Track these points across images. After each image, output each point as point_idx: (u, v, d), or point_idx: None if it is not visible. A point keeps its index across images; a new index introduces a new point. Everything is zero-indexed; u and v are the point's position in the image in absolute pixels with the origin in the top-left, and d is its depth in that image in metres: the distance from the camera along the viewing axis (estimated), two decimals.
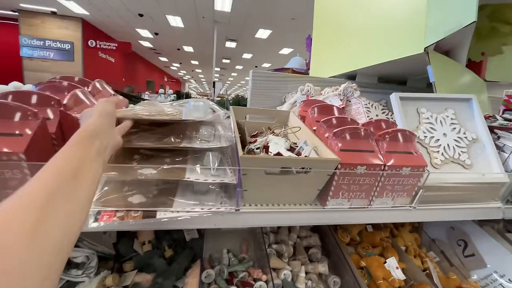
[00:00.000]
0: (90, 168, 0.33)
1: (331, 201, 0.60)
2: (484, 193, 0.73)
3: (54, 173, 0.29)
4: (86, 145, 0.35)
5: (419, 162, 0.61)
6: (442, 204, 0.69)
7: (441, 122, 0.77)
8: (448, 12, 0.77)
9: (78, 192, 0.30)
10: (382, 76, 1.21)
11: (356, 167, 0.57)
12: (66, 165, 0.30)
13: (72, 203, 0.28)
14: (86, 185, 0.31)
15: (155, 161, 0.57)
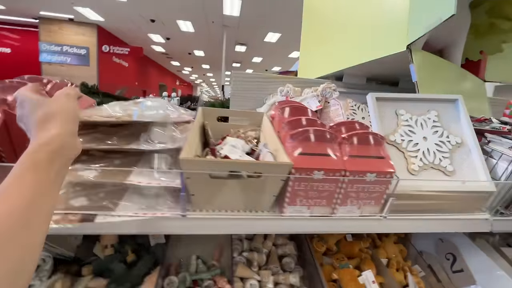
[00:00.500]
0: (48, 201, 0.29)
1: (288, 208, 0.56)
2: (469, 203, 0.66)
3: (4, 218, 0.24)
4: (46, 168, 0.30)
5: (386, 168, 0.56)
6: (418, 214, 0.63)
7: (422, 124, 0.71)
8: (428, 7, 0.71)
9: (32, 239, 0.26)
10: (372, 76, 1.16)
11: (312, 172, 0.52)
12: (19, 207, 0.25)
13: (24, 251, 0.25)
14: (41, 228, 0.27)
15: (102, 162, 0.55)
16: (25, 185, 0.27)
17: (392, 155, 0.67)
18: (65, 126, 0.35)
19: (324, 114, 0.87)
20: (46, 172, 0.30)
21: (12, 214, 0.25)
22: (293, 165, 0.51)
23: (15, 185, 0.27)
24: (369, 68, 1.02)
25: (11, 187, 0.27)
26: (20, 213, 0.25)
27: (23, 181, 0.27)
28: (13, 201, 0.26)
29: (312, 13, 1.37)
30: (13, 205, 0.25)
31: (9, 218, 0.24)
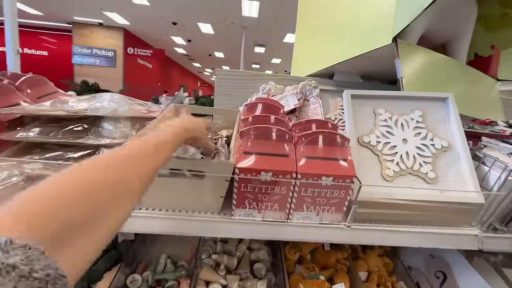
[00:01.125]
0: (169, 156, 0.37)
1: (236, 211, 0.53)
2: (455, 216, 0.58)
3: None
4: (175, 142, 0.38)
5: (345, 172, 0.50)
6: (390, 226, 0.56)
7: (403, 125, 0.64)
8: None
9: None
10: (366, 74, 1.07)
11: (259, 173, 0.48)
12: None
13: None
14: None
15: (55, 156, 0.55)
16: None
17: (365, 158, 0.61)
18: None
19: (303, 113, 0.82)
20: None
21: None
22: (236, 165, 0.47)
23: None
24: (360, 65, 0.95)
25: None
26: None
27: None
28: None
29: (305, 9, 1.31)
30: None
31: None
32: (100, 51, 8.35)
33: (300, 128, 0.59)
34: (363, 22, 0.83)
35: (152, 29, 8.20)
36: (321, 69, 1.03)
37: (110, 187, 0.25)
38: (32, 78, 0.69)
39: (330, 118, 0.91)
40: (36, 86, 0.71)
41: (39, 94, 0.70)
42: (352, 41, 0.88)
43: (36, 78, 0.71)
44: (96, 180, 0.24)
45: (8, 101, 0.61)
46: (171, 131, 0.38)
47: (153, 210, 0.54)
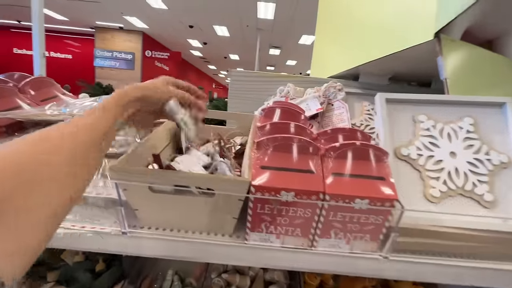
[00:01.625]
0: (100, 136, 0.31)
1: (251, 235, 0.45)
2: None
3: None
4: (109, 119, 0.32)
5: (384, 193, 0.41)
6: (437, 258, 0.46)
7: (450, 135, 0.53)
8: None
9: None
10: (396, 75, 0.97)
11: (279, 193, 0.41)
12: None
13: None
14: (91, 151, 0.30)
15: None
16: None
17: (404, 174, 0.51)
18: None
19: (326, 119, 0.73)
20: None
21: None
22: (252, 183, 0.40)
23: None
24: (390, 65, 0.85)
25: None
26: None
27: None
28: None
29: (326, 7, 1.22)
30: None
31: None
32: (120, 54, 8.62)
33: (326, 138, 0.50)
34: (397, 17, 0.73)
35: (169, 32, 8.36)
36: (345, 70, 0.94)
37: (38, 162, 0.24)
38: (36, 79, 0.65)
39: (355, 124, 0.82)
40: (42, 88, 0.67)
41: (43, 96, 0.66)
42: (382, 39, 0.78)
43: (41, 80, 0.67)
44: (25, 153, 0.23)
45: (8, 104, 0.57)
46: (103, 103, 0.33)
47: (156, 230, 0.47)
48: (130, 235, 0.45)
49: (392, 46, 0.72)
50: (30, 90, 0.63)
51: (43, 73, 3.43)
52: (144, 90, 0.37)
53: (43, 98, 0.65)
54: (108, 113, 0.32)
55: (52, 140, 0.26)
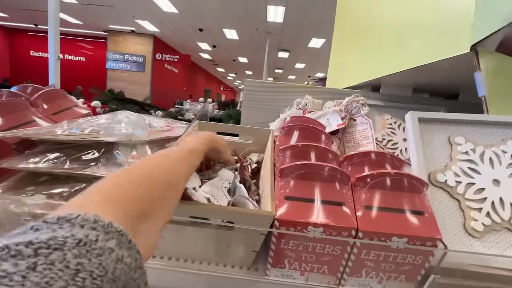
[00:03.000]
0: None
1: (272, 270, 0.41)
2: None
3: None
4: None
5: (425, 231, 0.36)
6: None
7: (492, 160, 0.48)
8: None
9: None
10: (420, 86, 0.91)
11: (306, 228, 0.36)
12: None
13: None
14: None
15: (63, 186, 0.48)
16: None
17: (440, 204, 0.46)
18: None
19: (348, 135, 0.69)
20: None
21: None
22: (276, 217, 0.36)
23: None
24: (415, 76, 0.79)
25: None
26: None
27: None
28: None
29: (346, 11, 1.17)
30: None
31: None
32: (131, 57, 8.76)
33: (354, 163, 0.46)
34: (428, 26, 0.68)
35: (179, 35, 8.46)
36: (366, 81, 0.89)
37: (167, 185, 0.29)
38: (48, 92, 0.63)
39: (377, 139, 0.77)
40: (54, 101, 0.66)
41: (55, 109, 0.64)
42: (411, 49, 0.73)
43: (53, 92, 0.65)
44: (157, 179, 0.28)
45: (21, 119, 0.55)
46: (195, 142, 0.40)
47: (170, 260, 0.44)
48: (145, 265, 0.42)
49: (420, 57, 0.67)
50: (43, 104, 0.62)
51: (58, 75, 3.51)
52: (218, 144, 0.46)
53: (55, 111, 0.63)
54: (196, 151, 0.38)
55: (170, 164, 0.32)
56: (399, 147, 0.77)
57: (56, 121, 0.61)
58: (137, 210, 0.23)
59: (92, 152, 0.47)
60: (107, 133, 0.46)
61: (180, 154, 0.34)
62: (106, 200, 0.21)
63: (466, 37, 0.57)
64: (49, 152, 0.48)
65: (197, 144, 0.39)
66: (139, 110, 1.30)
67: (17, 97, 0.62)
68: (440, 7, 0.65)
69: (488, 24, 0.53)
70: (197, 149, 0.38)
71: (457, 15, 0.60)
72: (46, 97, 0.63)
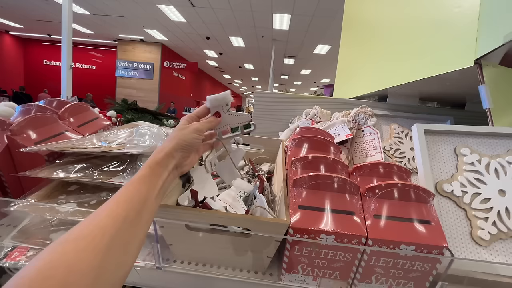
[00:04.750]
0: (151, 211, 0.32)
1: (286, 276, 0.43)
2: None
3: (115, 218, 0.27)
4: (152, 181, 0.33)
5: (432, 239, 0.38)
6: None
7: (497, 171, 0.50)
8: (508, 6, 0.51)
9: (134, 240, 0.28)
10: (426, 96, 0.93)
11: (318, 236, 0.39)
12: (127, 209, 0.29)
13: (127, 252, 0.27)
14: (142, 231, 0.30)
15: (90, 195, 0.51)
16: (133, 194, 0.31)
17: (447, 213, 0.48)
18: (172, 142, 0.38)
19: (356, 145, 0.71)
20: (152, 184, 0.33)
21: (122, 220, 0.27)
22: (291, 225, 0.39)
23: (125, 192, 0.30)
24: (422, 87, 0.82)
25: (123, 193, 0.30)
26: (127, 221, 0.28)
27: (132, 190, 0.31)
28: (121, 206, 0.29)
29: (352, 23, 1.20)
30: (121, 211, 0.28)
31: (119, 221, 0.27)
32: (140, 65, 8.98)
33: (363, 174, 0.48)
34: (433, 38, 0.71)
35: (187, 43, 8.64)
36: (373, 91, 0.91)
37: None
38: (74, 106, 0.68)
39: (385, 148, 0.79)
40: (79, 114, 0.70)
41: (80, 122, 0.69)
42: (417, 60, 0.75)
43: (78, 105, 0.70)
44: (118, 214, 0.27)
45: (52, 131, 0.60)
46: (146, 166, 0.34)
47: (189, 265, 0.46)
48: (164, 269, 0.45)
49: (426, 70, 0.70)
50: (69, 117, 0.66)
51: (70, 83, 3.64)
52: (174, 140, 0.38)
53: (80, 124, 0.68)
54: (151, 177, 0.33)
55: (112, 212, 0.28)
56: (407, 156, 0.79)
57: (81, 132, 0.66)
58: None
59: (117, 163, 0.51)
60: (132, 145, 0.50)
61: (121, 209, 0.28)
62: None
63: (470, 52, 0.59)
64: (78, 163, 0.52)
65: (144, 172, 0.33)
66: (152, 119, 1.35)
67: (45, 111, 0.67)
68: (447, 22, 0.67)
69: (491, 40, 0.55)
70: (142, 176, 0.32)
71: (462, 30, 0.63)
72: (72, 110, 0.68)
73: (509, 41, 0.51)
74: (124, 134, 0.54)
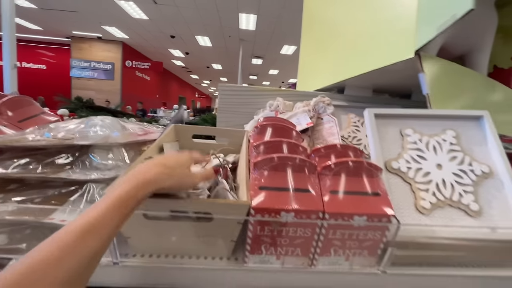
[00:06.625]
0: (111, 235, 0.28)
1: (251, 257, 0.44)
2: (506, 255, 0.49)
3: (77, 239, 0.25)
4: (124, 212, 0.29)
5: (381, 209, 0.42)
6: (433, 269, 0.48)
7: (435, 148, 0.56)
8: (440, 3, 0.58)
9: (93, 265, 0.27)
10: (378, 88, 1.01)
11: (279, 214, 0.40)
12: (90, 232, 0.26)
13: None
14: (100, 255, 0.27)
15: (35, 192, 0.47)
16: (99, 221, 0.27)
17: (396, 187, 0.53)
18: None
19: (317, 133, 0.75)
20: (118, 216, 0.29)
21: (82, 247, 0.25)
22: (252, 205, 0.39)
23: (89, 216, 0.27)
24: (374, 79, 0.89)
25: (90, 214, 0.27)
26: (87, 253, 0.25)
27: (97, 217, 0.27)
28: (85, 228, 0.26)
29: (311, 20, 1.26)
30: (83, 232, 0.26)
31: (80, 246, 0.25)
32: (99, 64, 8.37)
33: (320, 155, 0.51)
34: (379, 34, 0.77)
35: (150, 42, 8.27)
36: (332, 84, 0.97)
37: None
38: (13, 99, 0.61)
39: (343, 136, 0.84)
40: (19, 108, 0.63)
41: (21, 116, 0.62)
42: (366, 55, 0.81)
43: (19, 99, 0.63)
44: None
45: None
46: (113, 197, 0.29)
47: (150, 257, 0.45)
48: (122, 264, 0.42)
49: (375, 62, 0.76)
50: (7, 111, 0.59)
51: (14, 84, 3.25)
52: (171, 180, 0.35)
53: (21, 119, 0.61)
54: (121, 209, 0.29)
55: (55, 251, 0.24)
56: (363, 142, 0.85)
57: (23, 128, 0.59)
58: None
59: (65, 156, 0.47)
60: (82, 136, 0.46)
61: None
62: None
63: (411, 44, 0.66)
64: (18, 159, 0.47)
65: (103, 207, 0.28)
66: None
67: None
68: (391, 20, 0.74)
69: (427, 33, 0.62)
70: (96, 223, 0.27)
71: (403, 25, 0.70)
72: (11, 104, 0.60)
73: (441, 32, 0.57)
74: (72, 126, 0.50)
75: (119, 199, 0.29)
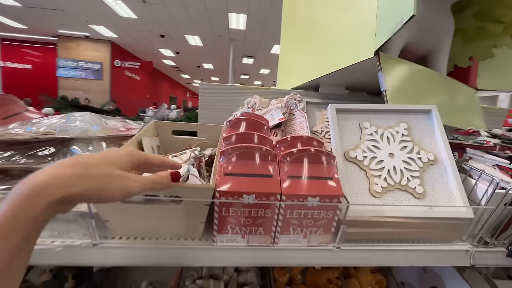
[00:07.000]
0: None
1: (218, 237, 0.49)
2: (445, 232, 0.56)
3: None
4: (15, 235, 0.23)
5: (331, 191, 0.48)
6: (381, 244, 0.54)
7: (389, 139, 0.62)
8: (393, 9, 0.64)
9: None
10: (353, 86, 1.08)
11: (241, 196, 0.45)
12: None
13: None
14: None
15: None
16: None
17: (353, 174, 0.59)
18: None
19: (288, 127, 0.80)
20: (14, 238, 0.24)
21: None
22: (216, 189, 0.44)
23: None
24: (344, 77, 0.95)
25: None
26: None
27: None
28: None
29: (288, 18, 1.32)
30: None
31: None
32: (86, 64, 8.24)
33: (285, 146, 0.57)
34: (345, 35, 0.83)
35: (140, 41, 8.19)
36: (307, 82, 1.03)
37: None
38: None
39: (317, 131, 0.90)
40: (2, 106, 0.66)
41: (5, 114, 0.65)
42: (335, 54, 0.88)
43: (2, 97, 0.66)
44: None
45: None
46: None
47: (128, 239, 0.49)
48: (101, 246, 0.47)
49: (341, 61, 0.82)
50: None
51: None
52: (83, 183, 0.25)
53: (4, 116, 0.64)
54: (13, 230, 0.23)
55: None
56: None
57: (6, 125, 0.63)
58: None
59: (47, 148, 0.51)
60: (63, 130, 0.50)
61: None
62: None
63: (371, 45, 0.72)
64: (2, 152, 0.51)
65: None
66: None
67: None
68: (354, 20, 0.80)
69: (383, 34, 0.68)
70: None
71: (365, 27, 0.76)
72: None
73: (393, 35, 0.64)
74: (53, 121, 0.54)
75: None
